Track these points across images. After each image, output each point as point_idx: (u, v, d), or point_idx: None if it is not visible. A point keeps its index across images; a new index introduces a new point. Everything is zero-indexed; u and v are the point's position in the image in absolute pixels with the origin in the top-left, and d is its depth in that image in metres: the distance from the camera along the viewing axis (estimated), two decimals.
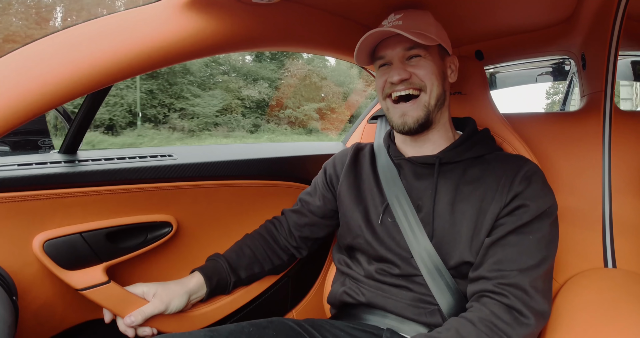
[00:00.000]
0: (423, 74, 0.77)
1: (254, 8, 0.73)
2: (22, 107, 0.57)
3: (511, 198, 0.73)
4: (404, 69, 0.77)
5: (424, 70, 0.77)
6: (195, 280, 0.89)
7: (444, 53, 0.83)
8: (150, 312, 0.81)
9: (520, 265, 0.69)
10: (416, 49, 0.77)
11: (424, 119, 0.78)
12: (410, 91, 0.78)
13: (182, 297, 0.85)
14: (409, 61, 0.78)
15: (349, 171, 0.94)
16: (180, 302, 0.84)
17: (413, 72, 0.77)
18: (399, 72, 0.77)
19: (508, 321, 0.66)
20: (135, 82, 14.32)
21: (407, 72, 0.77)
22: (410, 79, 0.77)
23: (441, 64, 0.81)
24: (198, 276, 0.90)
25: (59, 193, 0.83)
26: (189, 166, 1.02)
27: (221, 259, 0.95)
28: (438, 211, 0.78)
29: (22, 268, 0.81)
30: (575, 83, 2.24)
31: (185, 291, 0.85)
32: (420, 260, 0.76)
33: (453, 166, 0.81)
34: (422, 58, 0.77)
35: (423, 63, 0.77)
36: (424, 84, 0.77)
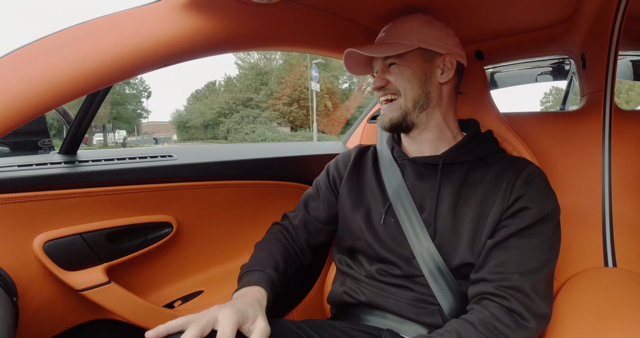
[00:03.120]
0: (395, 80, 0.82)
1: (254, 8, 0.73)
2: (22, 107, 0.57)
3: (513, 201, 0.74)
4: (382, 77, 0.84)
5: (395, 77, 0.82)
6: (264, 296, 0.75)
7: (431, 54, 0.83)
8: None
9: (522, 268, 0.69)
10: (390, 58, 0.83)
11: (397, 120, 0.83)
12: (389, 96, 0.84)
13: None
14: (389, 69, 0.84)
15: (352, 173, 0.94)
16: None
17: (389, 79, 0.83)
18: (375, 80, 0.85)
19: (509, 324, 0.66)
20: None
21: (383, 80, 0.83)
22: (386, 86, 0.84)
23: (424, 66, 0.83)
24: (263, 293, 0.75)
25: (59, 194, 0.83)
26: (189, 166, 1.02)
27: (269, 270, 0.82)
28: (440, 212, 0.78)
29: (23, 269, 0.81)
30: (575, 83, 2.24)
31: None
32: (422, 260, 0.76)
33: (456, 167, 0.82)
34: (397, 65, 0.82)
35: (396, 70, 0.82)
36: (397, 89, 0.83)
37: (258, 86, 29.28)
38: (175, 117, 31.80)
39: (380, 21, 0.98)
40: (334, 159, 1.01)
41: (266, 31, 0.81)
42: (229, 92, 29.90)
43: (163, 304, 1.05)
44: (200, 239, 1.13)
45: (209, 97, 30.67)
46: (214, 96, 30.48)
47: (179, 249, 1.09)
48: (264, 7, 0.74)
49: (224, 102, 28.77)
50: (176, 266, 1.10)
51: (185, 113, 31.23)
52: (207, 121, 29.05)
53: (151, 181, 0.96)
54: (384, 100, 0.86)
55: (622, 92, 24.89)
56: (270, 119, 27.82)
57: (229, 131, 27.21)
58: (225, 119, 28.01)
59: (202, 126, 29.36)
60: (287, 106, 28.01)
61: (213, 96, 30.54)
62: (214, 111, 28.65)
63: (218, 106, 28.78)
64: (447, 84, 0.84)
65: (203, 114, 29.18)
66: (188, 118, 30.21)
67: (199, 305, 1.07)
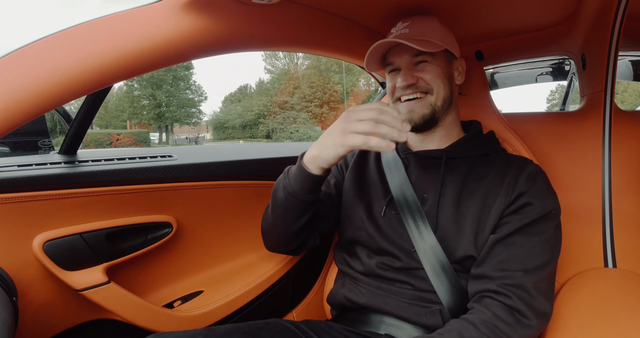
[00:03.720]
0: (429, 78, 0.81)
1: (254, 8, 0.73)
2: (22, 107, 0.57)
3: (516, 196, 0.74)
4: (411, 75, 0.81)
5: (429, 74, 0.81)
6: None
7: (451, 57, 0.85)
8: None
9: (525, 266, 0.70)
10: (422, 55, 0.80)
11: (429, 117, 0.82)
12: (418, 95, 0.82)
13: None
14: (416, 67, 0.82)
15: (355, 165, 0.95)
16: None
17: (420, 77, 0.81)
18: (406, 77, 0.81)
19: (510, 322, 0.66)
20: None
21: (414, 78, 0.81)
22: (417, 84, 0.81)
23: (448, 67, 0.84)
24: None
25: (58, 194, 0.83)
26: (189, 166, 1.02)
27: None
28: (443, 204, 0.79)
29: (22, 269, 0.81)
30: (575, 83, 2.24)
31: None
32: (423, 253, 0.76)
33: (460, 161, 0.82)
34: (429, 63, 0.81)
35: (429, 68, 0.81)
36: (430, 88, 0.81)
37: (291, 90, 32.01)
38: (213, 118, 34.97)
39: (382, 21, 0.98)
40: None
41: (266, 31, 0.81)
42: (263, 95, 32.92)
43: (163, 304, 1.05)
44: (200, 239, 1.13)
45: (242, 100, 34.20)
46: (247, 99, 34.12)
47: (179, 249, 1.09)
48: (264, 7, 0.74)
49: (262, 105, 32.01)
50: (176, 266, 1.10)
51: (222, 115, 34.34)
52: (245, 121, 32.46)
53: (151, 181, 0.96)
54: (412, 98, 0.82)
55: (618, 93, 25.13)
56: (306, 119, 30.43)
57: (273, 131, 29.89)
58: (264, 120, 30.96)
59: (240, 127, 32.78)
60: (319, 108, 31.13)
61: (246, 99, 34.18)
62: (253, 113, 31.88)
63: (257, 108, 31.88)
64: (458, 86, 0.87)
65: (241, 115, 32.56)
66: (226, 119, 33.60)
67: (199, 305, 1.07)
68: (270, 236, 0.92)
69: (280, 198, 0.80)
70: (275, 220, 0.84)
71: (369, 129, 0.66)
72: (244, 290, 1.14)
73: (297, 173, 0.77)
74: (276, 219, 0.84)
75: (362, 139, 0.67)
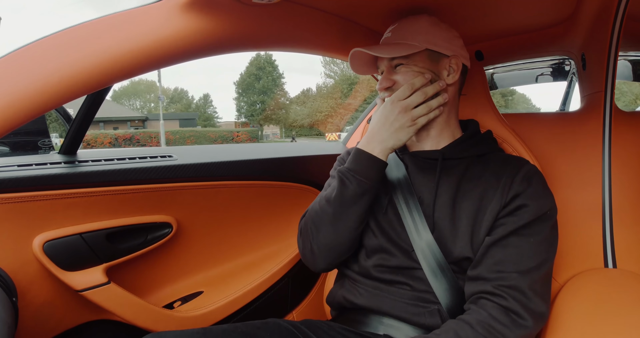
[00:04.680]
0: (402, 81, 0.82)
1: (254, 8, 0.73)
2: (22, 107, 0.57)
3: (512, 198, 0.74)
4: (388, 78, 0.83)
5: (402, 77, 0.82)
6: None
7: (438, 56, 0.84)
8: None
9: (520, 267, 0.70)
10: (397, 59, 0.83)
11: None
12: None
13: None
14: (395, 69, 0.84)
15: None
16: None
17: (396, 80, 0.83)
18: (382, 81, 0.84)
19: (506, 323, 0.66)
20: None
21: (390, 81, 0.83)
22: (393, 86, 0.83)
23: (430, 67, 0.83)
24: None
25: (58, 194, 0.83)
26: (189, 166, 1.02)
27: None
28: (439, 205, 0.79)
29: (22, 269, 0.81)
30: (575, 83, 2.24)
31: None
32: (421, 252, 0.76)
33: (456, 162, 0.82)
34: (404, 66, 0.83)
35: (404, 70, 0.82)
36: None
37: (354, 94, 35.20)
38: (283, 117, 39.46)
39: (381, 21, 0.98)
40: (344, 152, 1.01)
41: (266, 31, 0.81)
42: (328, 98, 36.55)
43: (163, 304, 1.05)
44: (200, 239, 1.13)
45: (307, 102, 38.32)
46: (311, 101, 38.21)
47: (179, 249, 1.09)
48: (264, 7, 0.74)
49: (329, 107, 35.46)
50: (176, 267, 1.10)
51: (292, 114, 38.39)
52: (313, 121, 36.24)
53: (151, 182, 0.96)
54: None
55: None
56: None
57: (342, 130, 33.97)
58: (332, 120, 34.53)
59: (308, 126, 37.10)
60: None
61: (310, 101, 38.27)
62: (322, 114, 35.45)
63: (325, 109, 35.52)
64: (452, 85, 0.85)
65: (310, 115, 36.40)
66: (294, 119, 37.66)
67: (198, 305, 1.07)
68: (330, 250, 0.82)
69: (351, 197, 0.77)
70: (341, 225, 0.79)
71: (427, 110, 0.79)
72: (244, 291, 1.14)
73: (369, 166, 0.78)
74: (343, 223, 0.79)
75: (425, 117, 0.80)
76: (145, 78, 56.99)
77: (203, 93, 72.08)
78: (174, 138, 23.36)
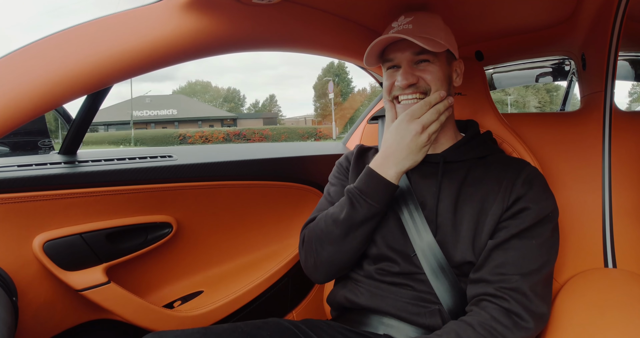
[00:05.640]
0: (430, 79, 0.78)
1: (254, 8, 0.73)
2: (22, 107, 0.57)
3: (513, 201, 0.74)
4: (412, 74, 0.78)
5: (431, 75, 0.78)
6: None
7: (451, 58, 0.83)
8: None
9: (522, 269, 0.70)
10: (425, 54, 0.77)
11: None
12: (417, 96, 0.79)
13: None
14: (417, 65, 0.79)
15: (354, 172, 0.93)
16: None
17: (421, 77, 0.78)
18: (407, 76, 0.78)
19: (507, 325, 0.66)
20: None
21: (415, 77, 0.78)
22: (417, 84, 0.79)
23: (447, 68, 0.81)
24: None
25: (58, 194, 0.83)
26: (189, 166, 1.02)
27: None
28: (441, 209, 0.78)
29: (22, 269, 0.81)
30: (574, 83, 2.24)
31: None
32: (423, 256, 0.76)
33: (457, 165, 0.82)
34: (430, 63, 0.78)
35: (431, 68, 0.78)
36: (429, 88, 0.79)
37: None
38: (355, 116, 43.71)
39: (381, 22, 0.97)
40: (342, 156, 1.00)
41: (266, 32, 0.81)
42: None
43: (163, 304, 1.05)
44: (200, 239, 1.13)
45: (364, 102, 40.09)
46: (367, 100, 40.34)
47: (179, 249, 1.09)
48: (264, 7, 0.74)
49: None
50: (176, 267, 1.10)
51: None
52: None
53: (151, 182, 0.96)
54: (410, 99, 0.80)
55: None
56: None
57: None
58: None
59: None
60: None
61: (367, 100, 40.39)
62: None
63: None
64: (455, 88, 0.85)
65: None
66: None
67: (198, 305, 1.07)
68: (332, 266, 0.82)
69: (360, 220, 0.76)
70: (347, 246, 0.79)
71: (437, 128, 0.74)
72: (244, 290, 1.14)
73: (381, 190, 0.74)
74: (349, 244, 0.78)
75: (435, 134, 0.75)
76: (202, 79, 64.79)
77: (269, 94, 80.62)
78: (272, 134, 26.38)
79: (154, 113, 34.63)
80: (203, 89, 56.27)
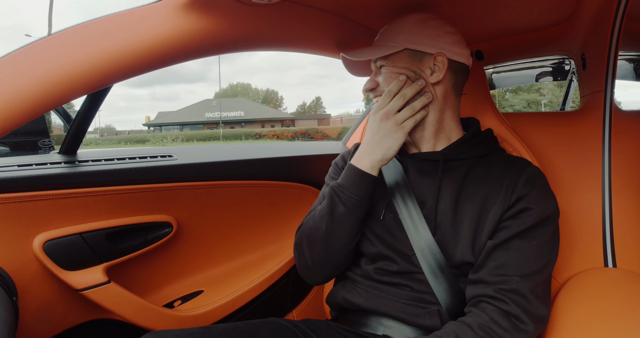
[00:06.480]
0: (382, 81, 0.83)
1: (254, 8, 0.73)
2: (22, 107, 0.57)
3: (515, 201, 0.73)
4: (372, 79, 0.85)
5: (383, 78, 0.83)
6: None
7: (420, 55, 0.82)
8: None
9: (522, 270, 0.69)
10: (379, 60, 0.84)
11: None
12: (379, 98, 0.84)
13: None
14: (380, 70, 0.85)
15: None
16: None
17: (378, 81, 0.84)
18: (367, 82, 0.85)
19: (507, 327, 0.66)
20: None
21: (373, 82, 0.84)
22: (376, 88, 0.84)
23: (412, 66, 0.81)
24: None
25: (59, 194, 0.83)
26: (189, 166, 1.02)
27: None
28: (441, 208, 0.78)
29: (22, 269, 0.81)
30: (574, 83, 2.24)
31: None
32: (422, 256, 0.76)
33: (457, 164, 0.81)
34: (385, 67, 0.83)
35: (385, 71, 0.83)
36: (384, 90, 0.83)
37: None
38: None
39: (381, 21, 0.97)
40: (338, 156, 1.00)
41: (266, 31, 0.81)
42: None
43: (163, 304, 1.05)
44: (200, 239, 1.13)
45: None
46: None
47: (179, 249, 1.09)
48: (264, 7, 0.74)
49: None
50: (176, 266, 1.10)
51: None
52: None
53: (151, 181, 0.96)
54: (376, 101, 0.85)
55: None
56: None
57: None
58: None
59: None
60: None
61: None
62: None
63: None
64: (439, 84, 0.82)
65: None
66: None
67: (198, 305, 1.07)
68: (325, 264, 0.83)
69: (341, 214, 0.77)
70: (333, 241, 0.79)
71: (411, 112, 0.78)
72: (244, 290, 1.14)
73: (358, 182, 0.77)
74: (335, 240, 0.79)
75: (412, 119, 0.78)
76: (242, 81, 68.15)
77: (315, 96, 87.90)
78: (331, 132, 29.31)
79: (224, 115, 39.79)
80: (244, 90, 58.40)
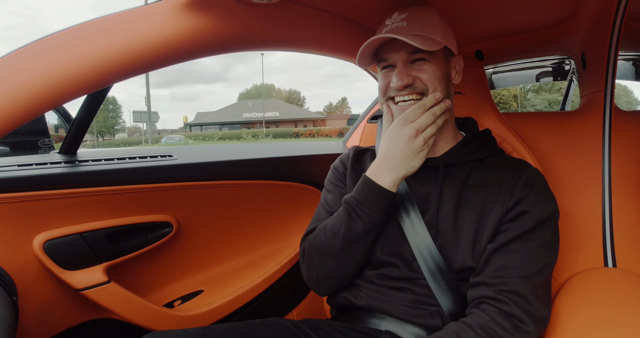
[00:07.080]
0: (426, 79, 0.75)
1: (254, 8, 0.73)
2: (22, 107, 0.57)
3: (514, 204, 0.73)
4: (408, 74, 0.75)
5: (427, 74, 0.75)
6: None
7: (449, 54, 0.80)
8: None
9: (522, 271, 0.69)
10: (420, 52, 0.74)
11: None
12: (413, 97, 0.77)
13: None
14: (413, 65, 0.76)
15: (351, 176, 0.90)
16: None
17: (417, 77, 0.76)
18: (402, 77, 0.75)
19: (508, 328, 0.66)
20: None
21: (410, 77, 0.75)
22: (413, 84, 0.76)
23: (445, 66, 0.78)
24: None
25: (59, 194, 0.83)
26: (189, 166, 1.02)
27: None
28: (442, 214, 0.77)
29: (22, 269, 0.81)
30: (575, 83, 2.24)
31: None
32: (423, 261, 0.75)
33: (457, 168, 0.80)
34: (426, 62, 0.75)
35: (427, 67, 0.75)
36: (426, 89, 0.76)
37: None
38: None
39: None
40: (337, 159, 0.98)
41: (266, 31, 0.81)
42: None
43: (163, 304, 1.05)
44: (200, 239, 1.13)
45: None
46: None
47: (179, 249, 1.09)
48: (264, 7, 0.74)
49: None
50: (176, 266, 1.10)
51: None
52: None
53: (151, 181, 0.96)
54: (406, 100, 0.77)
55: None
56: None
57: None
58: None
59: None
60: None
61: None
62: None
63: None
64: (454, 86, 0.81)
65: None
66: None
67: (198, 304, 1.07)
68: (336, 279, 0.82)
69: (359, 232, 0.74)
70: (348, 259, 0.78)
71: (435, 129, 0.72)
72: (244, 290, 1.14)
73: (377, 199, 0.72)
74: (351, 257, 0.77)
75: (434, 137, 0.73)
76: (267, 82, 70.26)
77: (341, 97, 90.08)
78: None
79: (260, 115, 42.85)
80: (268, 91, 59.80)
